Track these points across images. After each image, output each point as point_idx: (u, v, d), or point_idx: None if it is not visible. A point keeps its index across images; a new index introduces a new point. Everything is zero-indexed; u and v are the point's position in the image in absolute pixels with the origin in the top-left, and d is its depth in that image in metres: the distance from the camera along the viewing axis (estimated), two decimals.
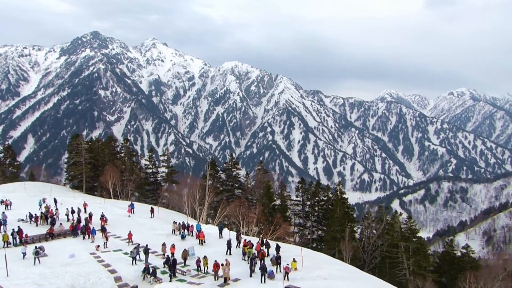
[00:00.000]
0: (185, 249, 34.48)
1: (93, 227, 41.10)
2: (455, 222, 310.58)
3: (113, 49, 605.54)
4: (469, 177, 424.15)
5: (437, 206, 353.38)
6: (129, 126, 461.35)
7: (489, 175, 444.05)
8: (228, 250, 37.61)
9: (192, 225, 44.62)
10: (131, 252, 34.30)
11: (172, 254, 34.94)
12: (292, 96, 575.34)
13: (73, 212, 48.28)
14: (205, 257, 32.41)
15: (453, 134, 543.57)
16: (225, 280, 30.14)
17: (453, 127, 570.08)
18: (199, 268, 32.85)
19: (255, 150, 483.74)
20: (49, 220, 44.78)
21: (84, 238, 40.48)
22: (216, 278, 31.01)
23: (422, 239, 64.68)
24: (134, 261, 33.50)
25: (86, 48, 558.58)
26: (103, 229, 41.32)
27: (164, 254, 35.15)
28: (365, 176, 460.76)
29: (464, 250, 64.44)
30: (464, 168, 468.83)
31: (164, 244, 35.79)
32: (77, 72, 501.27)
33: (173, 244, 36.43)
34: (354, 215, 73.31)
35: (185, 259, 34.16)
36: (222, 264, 30.72)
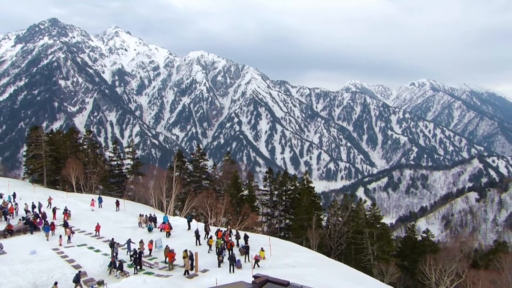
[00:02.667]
0: (167, 246, 33.79)
1: (46, 226, 38.99)
2: (416, 208, 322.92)
3: (74, 37, 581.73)
4: (429, 165, 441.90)
5: (400, 193, 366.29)
6: (92, 117, 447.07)
7: (448, 162, 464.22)
8: (197, 241, 37.47)
9: (163, 222, 43.77)
10: (112, 249, 32.79)
11: (150, 250, 34.62)
12: (259, 87, 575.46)
13: (34, 207, 46.44)
14: (185, 250, 31.89)
15: (414, 123, 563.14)
16: (187, 271, 29.83)
17: (414, 116, 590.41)
18: (166, 261, 32.54)
19: (222, 141, 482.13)
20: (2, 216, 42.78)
21: (47, 234, 38.93)
22: (171, 268, 30.69)
23: (385, 225, 66.90)
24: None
25: (44, 36, 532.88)
26: (66, 224, 39.95)
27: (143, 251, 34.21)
28: (331, 165, 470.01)
29: (424, 235, 67.48)
30: (425, 156, 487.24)
31: (141, 241, 34.77)
32: (35, 61, 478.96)
33: (151, 240, 35.97)
34: (321, 204, 74.70)
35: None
36: (184, 257, 30.29)
